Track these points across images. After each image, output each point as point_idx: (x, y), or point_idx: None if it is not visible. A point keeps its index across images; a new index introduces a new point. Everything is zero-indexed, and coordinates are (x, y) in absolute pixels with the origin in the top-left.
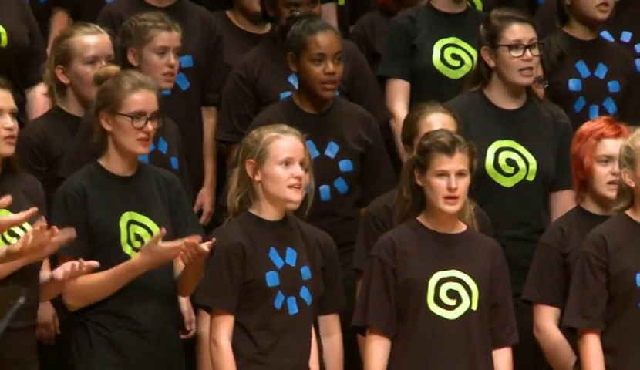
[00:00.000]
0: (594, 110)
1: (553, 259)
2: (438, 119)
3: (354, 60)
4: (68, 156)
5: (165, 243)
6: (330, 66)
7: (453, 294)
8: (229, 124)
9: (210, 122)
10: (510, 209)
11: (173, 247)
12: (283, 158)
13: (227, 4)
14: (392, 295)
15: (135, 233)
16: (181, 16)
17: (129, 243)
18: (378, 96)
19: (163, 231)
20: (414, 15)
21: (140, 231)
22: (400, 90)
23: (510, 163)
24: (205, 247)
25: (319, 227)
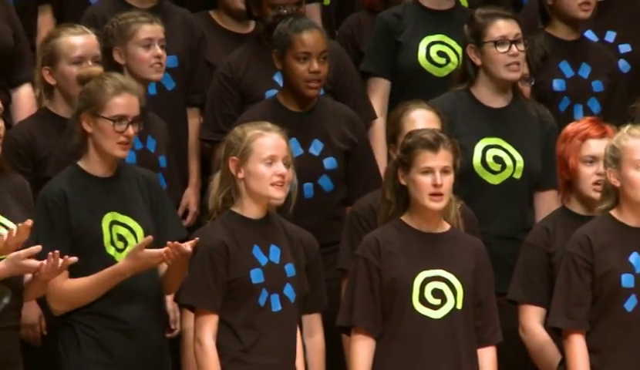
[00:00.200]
0: (578, 110)
1: (538, 259)
2: (422, 116)
3: (339, 59)
4: (55, 157)
5: (150, 250)
6: (315, 65)
7: (437, 293)
8: (213, 123)
9: (194, 122)
10: (497, 206)
11: (158, 254)
12: (266, 156)
13: (210, 4)
14: (377, 295)
15: (117, 233)
16: (163, 17)
17: (112, 244)
18: (363, 95)
19: (149, 238)
20: (400, 12)
21: (123, 231)
22: (379, 89)
23: (498, 160)
24: (188, 247)
25: (304, 225)
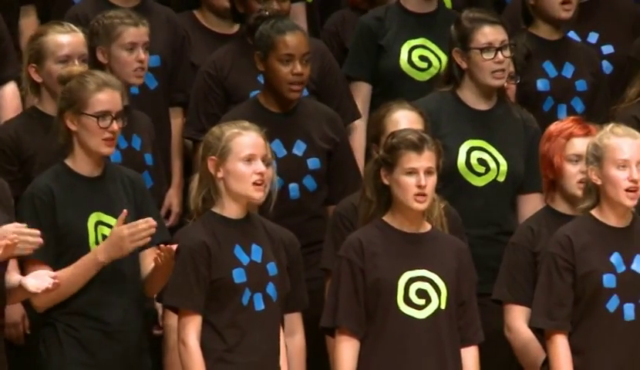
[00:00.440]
0: (562, 109)
1: (523, 258)
2: (405, 116)
3: (323, 59)
4: (41, 157)
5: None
6: (298, 67)
7: (422, 293)
8: (197, 122)
9: (177, 122)
10: (480, 208)
11: (127, 226)
12: (245, 154)
13: (194, 3)
14: (361, 296)
15: (103, 234)
16: (147, 16)
17: (97, 244)
18: (347, 94)
19: (125, 212)
20: (382, 15)
21: (107, 232)
22: (360, 93)
23: (482, 162)
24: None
25: (289, 225)
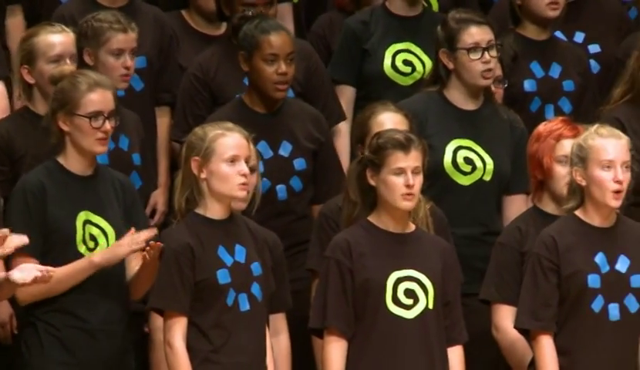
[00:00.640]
0: (549, 110)
1: (511, 258)
2: (389, 118)
3: (309, 59)
4: (30, 158)
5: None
6: (283, 67)
7: (410, 293)
8: (184, 124)
9: (164, 121)
10: (466, 207)
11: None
12: (229, 155)
13: (182, 3)
14: (349, 296)
15: (90, 233)
16: (134, 16)
17: (83, 242)
18: (333, 96)
19: (132, 231)
20: (367, 18)
21: (95, 231)
22: (344, 96)
23: (468, 161)
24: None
25: (276, 226)
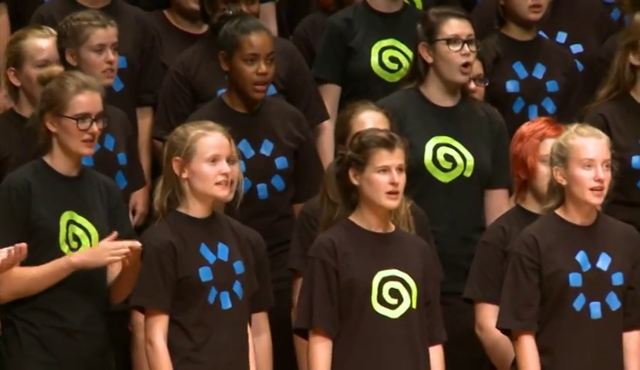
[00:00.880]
0: (533, 110)
1: (494, 257)
2: (370, 117)
3: (292, 59)
4: (13, 160)
5: (104, 241)
6: (263, 67)
7: (394, 293)
8: (166, 122)
9: (145, 122)
10: (448, 205)
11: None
12: (210, 155)
13: (164, 3)
14: (334, 296)
15: (73, 233)
16: (115, 17)
17: (66, 242)
18: (316, 96)
19: (114, 235)
20: (350, 16)
21: (78, 232)
22: (329, 94)
23: (448, 158)
24: (138, 243)
25: (258, 225)
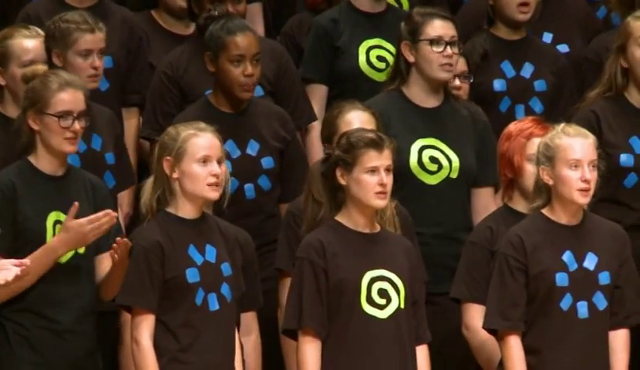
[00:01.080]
0: (520, 110)
1: (482, 257)
2: (357, 117)
3: (280, 60)
4: (0, 161)
5: (79, 219)
6: (249, 68)
7: (383, 293)
8: (154, 121)
9: (132, 123)
10: (435, 206)
11: (88, 220)
12: (200, 156)
13: (151, 3)
14: (324, 296)
15: None
16: (102, 17)
17: None
18: (303, 97)
19: (76, 205)
20: (336, 16)
21: None
22: (317, 95)
23: (434, 160)
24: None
25: (246, 225)
